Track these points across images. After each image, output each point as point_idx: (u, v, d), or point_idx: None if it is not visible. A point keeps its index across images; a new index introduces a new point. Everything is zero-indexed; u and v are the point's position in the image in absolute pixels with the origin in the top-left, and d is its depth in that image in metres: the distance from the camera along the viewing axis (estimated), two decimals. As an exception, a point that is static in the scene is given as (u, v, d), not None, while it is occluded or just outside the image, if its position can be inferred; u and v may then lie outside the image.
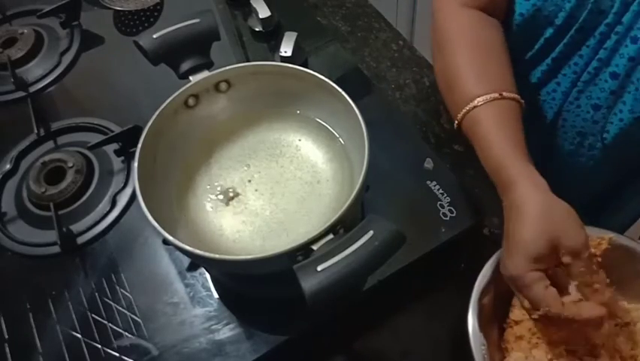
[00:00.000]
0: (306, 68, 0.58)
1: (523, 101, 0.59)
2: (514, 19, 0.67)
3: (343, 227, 0.47)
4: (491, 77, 0.60)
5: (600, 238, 0.54)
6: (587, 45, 0.65)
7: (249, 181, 0.59)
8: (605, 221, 0.86)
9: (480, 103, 0.57)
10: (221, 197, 0.58)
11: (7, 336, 0.61)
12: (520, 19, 0.67)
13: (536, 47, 0.69)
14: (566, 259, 0.49)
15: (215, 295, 0.60)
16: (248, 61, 0.80)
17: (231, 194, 0.58)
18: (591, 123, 0.71)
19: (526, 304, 0.51)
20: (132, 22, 0.92)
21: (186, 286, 0.61)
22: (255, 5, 0.83)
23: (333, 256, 0.42)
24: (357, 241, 0.42)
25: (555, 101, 0.72)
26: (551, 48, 0.68)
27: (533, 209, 0.50)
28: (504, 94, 0.57)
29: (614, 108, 0.67)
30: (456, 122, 0.60)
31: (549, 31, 0.66)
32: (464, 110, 0.58)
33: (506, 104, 0.58)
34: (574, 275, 0.49)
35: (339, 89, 0.56)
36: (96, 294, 0.63)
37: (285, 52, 0.75)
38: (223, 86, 0.61)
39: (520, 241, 0.50)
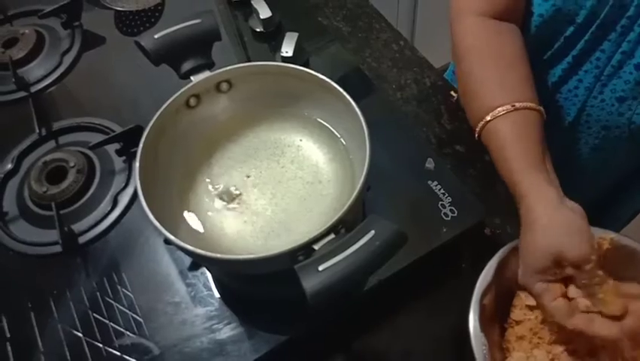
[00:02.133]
0: (307, 68, 0.58)
1: (542, 109, 0.59)
2: (533, 21, 0.67)
3: (344, 227, 0.47)
4: (510, 88, 0.60)
5: (601, 238, 0.55)
6: (608, 40, 0.65)
7: (251, 181, 0.59)
8: (615, 212, 0.85)
9: (496, 115, 0.58)
10: (222, 197, 0.58)
11: (8, 335, 0.61)
12: (539, 20, 0.67)
13: (556, 45, 0.69)
14: (569, 271, 0.50)
15: (217, 294, 0.60)
16: (249, 61, 0.80)
17: (233, 194, 0.58)
18: (617, 116, 0.70)
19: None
20: (133, 23, 0.92)
21: (187, 285, 0.61)
22: (256, 6, 0.83)
23: (335, 255, 0.42)
24: (358, 240, 0.42)
25: (578, 98, 0.72)
26: (572, 46, 0.68)
27: (538, 224, 0.51)
28: (517, 105, 0.57)
29: None
30: (476, 133, 0.61)
31: (569, 30, 0.66)
32: (482, 123, 0.59)
33: (523, 115, 0.58)
34: (579, 286, 0.51)
35: (341, 90, 0.56)
36: (97, 293, 0.63)
37: (286, 52, 0.75)
38: (224, 86, 0.61)
39: (527, 255, 0.51)
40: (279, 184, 0.58)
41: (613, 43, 0.64)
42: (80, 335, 0.60)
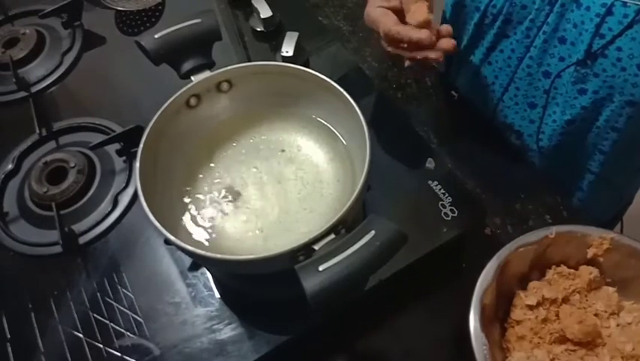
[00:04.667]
0: (308, 67, 0.58)
1: None
2: (450, 1, 0.73)
3: (345, 227, 0.47)
4: None
5: (602, 238, 0.54)
6: (516, 39, 0.68)
7: (251, 181, 0.59)
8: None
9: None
10: (222, 197, 0.58)
11: (9, 336, 0.61)
12: (453, 0, 0.72)
13: (470, 32, 0.73)
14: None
15: (217, 294, 0.60)
16: (249, 61, 0.80)
17: (233, 194, 0.58)
18: (528, 122, 0.73)
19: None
20: (134, 23, 0.92)
21: (188, 285, 0.61)
22: (256, 5, 0.83)
23: (335, 256, 0.42)
24: (358, 241, 0.42)
25: (495, 94, 0.75)
26: (482, 36, 0.72)
27: None
28: None
29: (548, 109, 0.68)
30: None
31: (476, 16, 0.70)
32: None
33: None
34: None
35: (341, 89, 0.56)
36: (98, 294, 0.63)
37: (287, 52, 0.75)
38: (225, 86, 0.61)
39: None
40: (279, 184, 0.58)
41: (520, 44, 0.67)
42: (81, 335, 0.60)
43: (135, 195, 0.70)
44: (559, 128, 0.70)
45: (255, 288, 0.61)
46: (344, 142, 0.60)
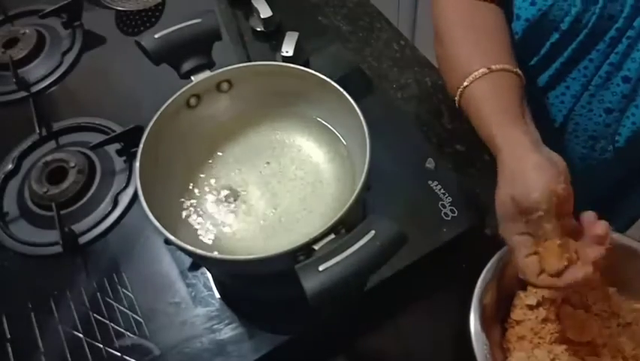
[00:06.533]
0: (308, 67, 0.58)
1: (520, 72, 0.60)
2: (520, 25, 0.68)
3: (345, 227, 0.47)
4: (488, 53, 0.60)
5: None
6: (597, 50, 0.65)
7: (251, 181, 0.59)
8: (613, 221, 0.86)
9: (473, 79, 0.58)
10: (222, 197, 0.58)
11: (9, 336, 0.61)
12: (525, 24, 0.67)
13: (542, 52, 0.69)
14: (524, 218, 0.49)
15: (217, 294, 0.60)
16: (249, 61, 0.80)
17: (233, 194, 0.58)
18: (603, 127, 0.70)
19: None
20: (134, 22, 0.92)
21: (188, 285, 0.61)
22: (256, 5, 0.83)
23: (335, 256, 0.42)
24: (358, 240, 0.42)
25: (564, 105, 0.72)
26: (558, 53, 0.68)
27: (506, 171, 0.51)
28: (493, 67, 0.58)
29: (627, 112, 0.67)
30: (456, 102, 0.61)
31: (555, 36, 0.66)
32: (460, 89, 0.59)
33: (500, 76, 0.58)
34: (534, 235, 0.49)
35: (341, 89, 0.56)
36: (98, 294, 0.63)
37: (287, 52, 0.75)
38: (225, 85, 0.61)
39: (496, 202, 0.51)
40: (279, 184, 0.58)
41: (601, 53, 0.65)
42: (81, 335, 0.60)
43: (135, 195, 0.70)
44: (638, 129, 0.68)
45: (255, 288, 0.61)
46: (344, 142, 0.60)
